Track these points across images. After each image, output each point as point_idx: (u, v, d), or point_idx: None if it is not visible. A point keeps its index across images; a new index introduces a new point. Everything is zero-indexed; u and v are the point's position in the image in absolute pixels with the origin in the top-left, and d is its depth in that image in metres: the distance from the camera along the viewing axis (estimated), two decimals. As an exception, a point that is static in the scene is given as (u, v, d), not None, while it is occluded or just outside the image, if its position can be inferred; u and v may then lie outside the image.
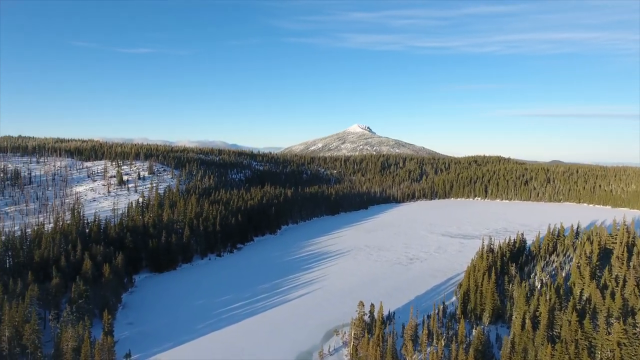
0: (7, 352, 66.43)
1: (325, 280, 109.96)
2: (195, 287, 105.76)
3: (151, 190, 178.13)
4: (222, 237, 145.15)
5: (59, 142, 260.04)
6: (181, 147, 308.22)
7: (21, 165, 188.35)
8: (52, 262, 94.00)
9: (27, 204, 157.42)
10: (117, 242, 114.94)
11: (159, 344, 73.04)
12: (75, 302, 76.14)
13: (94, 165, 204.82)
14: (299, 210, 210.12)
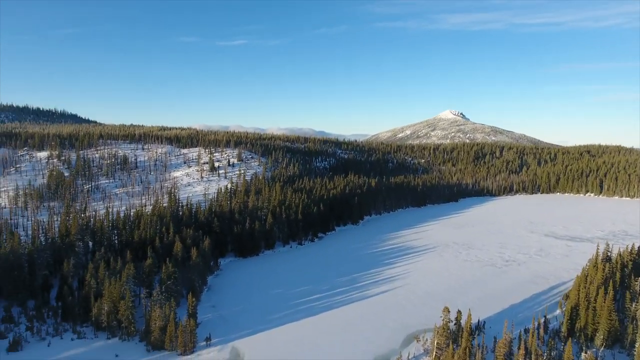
0: (106, 324, 73.56)
1: (408, 278, 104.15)
2: (275, 275, 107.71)
3: (239, 177, 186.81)
4: (304, 226, 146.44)
5: (162, 130, 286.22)
6: (269, 135, 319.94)
7: (129, 151, 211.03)
8: (148, 243, 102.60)
9: (132, 186, 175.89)
10: (206, 226, 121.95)
11: (236, 330, 74.99)
12: (165, 282, 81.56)
13: (189, 152, 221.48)
14: (382, 201, 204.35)
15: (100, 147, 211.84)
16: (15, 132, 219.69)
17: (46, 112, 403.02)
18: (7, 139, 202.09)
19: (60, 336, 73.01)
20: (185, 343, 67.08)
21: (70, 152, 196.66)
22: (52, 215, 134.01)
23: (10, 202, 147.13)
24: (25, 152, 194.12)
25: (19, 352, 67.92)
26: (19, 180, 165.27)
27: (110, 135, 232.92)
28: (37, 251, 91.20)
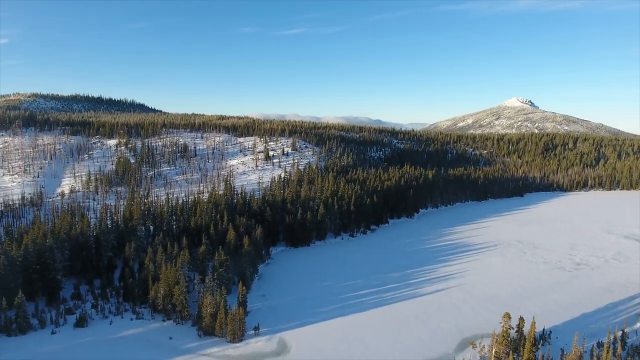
0: (162, 307, 76.81)
1: (465, 277, 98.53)
2: (325, 267, 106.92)
3: (293, 166, 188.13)
4: (356, 217, 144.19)
5: (221, 119, 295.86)
6: (324, 124, 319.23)
7: (189, 139, 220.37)
8: (204, 230, 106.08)
9: (191, 173, 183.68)
10: (258, 215, 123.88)
11: (285, 321, 75.05)
12: (217, 270, 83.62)
13: (245, 140, 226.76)
14: (439, 194, 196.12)
15: (163, 136, 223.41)
16: (89, 121, 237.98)
17: (117, 102, 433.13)
18: (82, 127, 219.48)
19: (121, 315, 77.60)
20: (234, 331, 68.18)
21: (136, 140, 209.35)
22: (118, 200, 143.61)
23: (83, 187, 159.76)
24: (97, 139, 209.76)
25: (84, 328, 73.04)
26: (91, 166, 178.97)
27: (173, 124, 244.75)
28: (103, 234, 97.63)
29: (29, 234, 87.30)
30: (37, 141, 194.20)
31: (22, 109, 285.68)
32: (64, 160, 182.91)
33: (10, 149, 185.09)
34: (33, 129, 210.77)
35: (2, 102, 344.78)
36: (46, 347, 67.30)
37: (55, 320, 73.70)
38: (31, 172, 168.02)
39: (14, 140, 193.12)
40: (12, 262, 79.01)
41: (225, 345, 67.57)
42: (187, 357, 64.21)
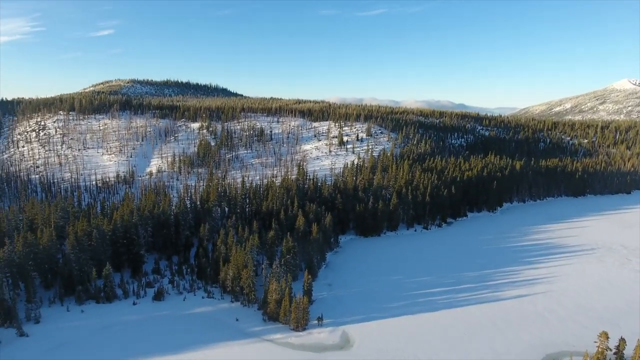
0: (231, 288, 79.56)
1: (553, 284, 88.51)
2: (395, 259, 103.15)
3: (367, 152, 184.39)
4: (432, 209, 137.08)
5: (297, 103, 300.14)
6: (401, 109, 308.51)
7: (266, 124, 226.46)
8: (274, 214, 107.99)
9: (267, 157, 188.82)
10: (329, 202, 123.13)
11: (349, 314, 73.56)
12: (284, 256, 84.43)
13: (320, 125, 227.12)
14: (528, 187, 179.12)
15: (241, 120, 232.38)
16: (176, 105, 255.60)
17: (203, 87, 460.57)
18: (170, 111, 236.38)
19: (194, 293, 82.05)
20: (298, 319, 68.29)
21: (217, 124, 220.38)
22: (198, 181, 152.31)
23: (169, 167, 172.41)
24: (183, 123, 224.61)
25: (161, 302, 78.46)
26: (176, 147, 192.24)
27: (251, 109, 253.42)
28: (182, 213, 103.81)
29: (118, 211, 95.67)
30: (132, 123, 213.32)
31: (121, 94, 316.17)
32: (153, 142, 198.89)
33: (109, 130, 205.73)
34: (128, 112, 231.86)
35: (105, 88, 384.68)
36: (128, 316, 73.41)
37: (136, 292, 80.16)
38: (125, 152, 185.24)
39: (112, 123, 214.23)
40: (103, 235, 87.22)
41: (288, 332, 68.01)
42: (251, 340, 65.73)
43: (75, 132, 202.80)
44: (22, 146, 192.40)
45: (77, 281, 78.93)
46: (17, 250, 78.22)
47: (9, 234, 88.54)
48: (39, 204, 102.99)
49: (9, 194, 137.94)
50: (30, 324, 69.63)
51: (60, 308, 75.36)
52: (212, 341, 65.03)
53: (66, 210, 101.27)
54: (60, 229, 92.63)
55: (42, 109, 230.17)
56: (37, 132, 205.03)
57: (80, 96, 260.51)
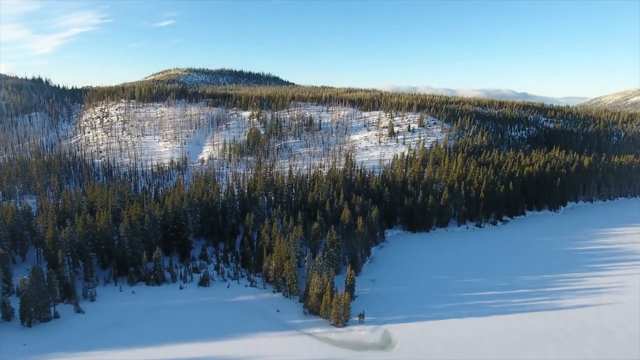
0: (273, 279, 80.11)
1: (623, 295, 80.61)
2: (444, 257, 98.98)
3: (418, 144, 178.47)
4: (486, 206, 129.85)
5: (348, 92, 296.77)
6: (457, 98, 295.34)
7: (315, 113, 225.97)
8: (320, 206, 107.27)
9: (315, 147, 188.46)
10: (376, 195, 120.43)
11: (392, 312, 71.45)
12: (328, 249, 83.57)
13: (370, 115, 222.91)
14: (596, 185, 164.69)
15: (291, 109, 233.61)
16: (229, 93, 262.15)
17: (255, 75, 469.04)
18: (222, 100, 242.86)
19: (238, 280, 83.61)
20: (338, 315, 67.28)
21: (267, 113, 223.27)
22: (247, 169, 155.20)
23: (219, 154, 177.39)
24: (234, 111, 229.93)
25: (206, 288, 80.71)
26: (227, 135, 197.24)
27: (301, 97, 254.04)
28: (229, 201, 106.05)
29: (170, 197, 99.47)
30: (186, 111, 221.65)
31: (178, 83, 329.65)
32: (205, 130, 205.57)
33: (165, 118, 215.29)
34: (184, 100, 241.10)
35: (164, 76, 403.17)
36: (175, 299, 76.26)
37: (184, 277, 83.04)
38: (180, 139, 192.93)
39: (169, 111, 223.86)
40: (155, 220, 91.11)
41: (329, 327, 67.25)
42: (290, 333, 65.76)
43: (134, 119, 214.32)
44: (88, 132, 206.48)
45: (130, 263, 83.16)
46: (77, 231, 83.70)
47: (71, 215, 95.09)
48: (99, 188, 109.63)
49: (75, 177, 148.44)
50: (87, 301, 74.31)
51: (113, 288, 79.82)
52: (254, 330, 65.85)
53: (123, 195, 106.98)
54: (117, 212, 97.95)
55: (106, 97, 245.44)
56: (101, 119, 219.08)
57: (140, 85, 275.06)
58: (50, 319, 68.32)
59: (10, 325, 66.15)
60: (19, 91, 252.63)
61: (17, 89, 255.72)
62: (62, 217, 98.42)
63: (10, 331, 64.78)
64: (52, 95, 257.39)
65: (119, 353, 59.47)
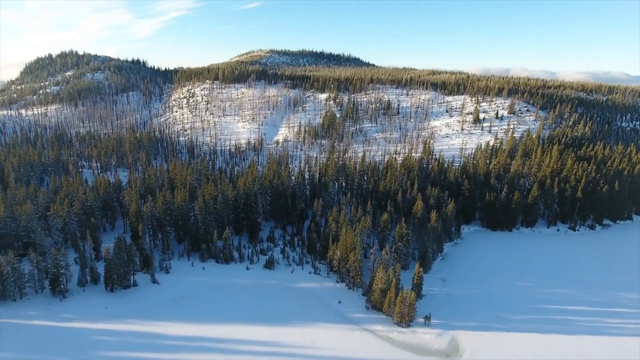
0: (337, 268, 78.97)
1: None
2: (528, 262, 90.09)
3: (506, 133, 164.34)
4: (583, 207, 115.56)
5: (431, 74, 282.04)
6: (556, 82, 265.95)
7: (394, 96, 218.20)
8: (391, 196, 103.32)
9: (391, 132, 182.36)
10: (454, 187, 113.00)
11: (463, 317, 66.56)
12: (396, 243, 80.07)
13: (454, 99, 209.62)
14: None
15: (369, 91, 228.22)
16: (307, 75, 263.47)
17: (335, 57, 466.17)
18: (300, 81, 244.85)
19: (302, 266, 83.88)
20: (402, 314, 64.23)
21: (344, 95, 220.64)
22: (320, 152, 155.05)
23: (294, 137, 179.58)
24: (311, 93, 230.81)
25: (271, 271, 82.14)
26: (303, 118, 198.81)
27: (379, 80, 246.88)
28: (299, 186, 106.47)
29: (242, 179, 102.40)
30: (265, 93, 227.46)
31: (259, 64, 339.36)
32: (282, 111, 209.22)
33: (245, 99, 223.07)
34: (263, 82, 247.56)
35: (248, 58, 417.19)
36: (241, 279, 78.73)
37: (251, 258, 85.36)
38: (257, 120, 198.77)
39: (248, 92, 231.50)
40: (227, 201, 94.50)
41: (391, 326, 64.62)
42: (350, 327, 64.31)
43: (217, 100, 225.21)
44: (175, 111, 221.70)
45: (202, 240, 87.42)
46: (157, 206, 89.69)
47: (154, 190, 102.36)
48: (180, 166, 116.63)
49: (161, 153, 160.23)
50: (162, 273, 79.67)
51: (186, 262, 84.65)
52: (313, 320, 65.54)
53: (200, 173, 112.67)
54: (194, 190, 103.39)
55: (193, 78, 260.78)
56: (188, 99, 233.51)
57: (224, 66, 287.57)
58: (130, 286, 74.36)
59: (96, 289, 73.22)
60: (119, 72, 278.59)
61: (118, 70, 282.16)
62: (147, 191, 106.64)
63: (96, 294, 71.69)
64: (147, 76, 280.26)
65: (184, 326, 62.76)
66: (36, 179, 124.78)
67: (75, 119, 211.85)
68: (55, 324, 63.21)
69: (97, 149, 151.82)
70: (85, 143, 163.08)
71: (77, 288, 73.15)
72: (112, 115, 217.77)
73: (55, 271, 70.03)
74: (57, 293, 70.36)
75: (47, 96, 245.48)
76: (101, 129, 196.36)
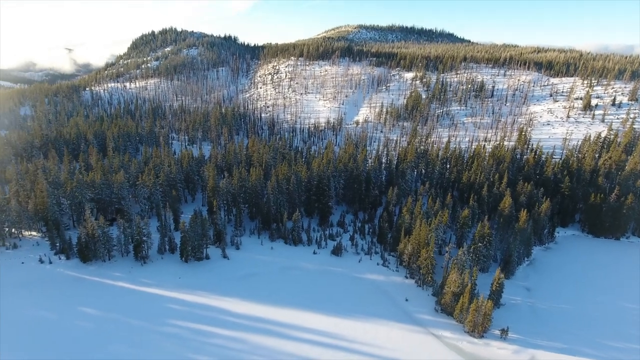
0: (407, 263, 74.89)
1: None
2: (635, 278, 77.32)
3: (624, 123, 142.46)
4: None
5: (535, 52, 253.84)
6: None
7: (488, 76, 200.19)
8: (475, 189, 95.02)
9: (482, 117, 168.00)
10: (551, 184, 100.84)
11: (547, 336, 59.17)
12: (476, 243, 73.31)
13: (560, 82, 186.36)
14: None
15: (460, 71, 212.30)
16: (393, 52, 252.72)
17: (427, 32, 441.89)
18: (386, 59, 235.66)
19: (370, 256, 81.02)
20: (475, 323, 58.77)
21: (432, 75, 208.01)
22: (401, 135, 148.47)
23: (375, 118, 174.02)
24: (397, 72, 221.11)
25: (338, 257, 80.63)
26: (386, 98, 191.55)
27: (473, 58, 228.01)
28: (375, 171, 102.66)
29: (316, 160, 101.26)
30: (348, 71, 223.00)
31: (346, 40, 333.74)
32: (365, 91, 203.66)
33: (327, 77, 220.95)
34: (347, 59, 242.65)
35: (335, 34, 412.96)
36: (308, 264, 78.32)
37: (319, 242, 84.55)
38: (338, 99, 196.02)
39: (332, 69, 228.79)
40: (300, 182, 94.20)
41: (461, 334, 59.62)
42: (416, 328, 60.59)
43: (300, 77, 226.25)
44: (260, 87, 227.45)
45: (273, 219, 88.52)
46: (233, 182, 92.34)
47: (231, 167, 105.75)
48: (258, 143, 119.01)
49: (243, 129, 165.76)
50: (232, 248, 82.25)
51: (256, 240, 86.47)
52: (376, 315, 62.89)
53: (277, 152, 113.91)
54: (269, 168, 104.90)
55: (279, 54, 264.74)
56: (272, 75, 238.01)
57: (310, 42, 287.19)
58: (202, 259, 77.88)
59: (172, 258, 77.87)
60: (211, 48, 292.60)
61: (210, 47, 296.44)
62: (226, 166, 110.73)
63: (172, 263, 76.25)
64: (236, 52, 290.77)
65: (247, 305, 64.05)
66: (132, 148, 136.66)
67: (170, 93, 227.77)
68: (135, 287, 68.41)
69: (185, 123, 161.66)
70: (176, 116, 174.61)
71: (156, 255, 78.49)
72: (202, 89, 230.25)
73: (139, 238, 75.55)
74: (139, 258, 76.07)
75: (148, 70, 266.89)
76: (192, 103, 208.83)
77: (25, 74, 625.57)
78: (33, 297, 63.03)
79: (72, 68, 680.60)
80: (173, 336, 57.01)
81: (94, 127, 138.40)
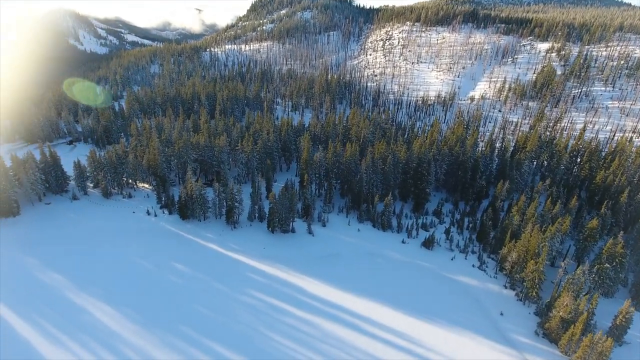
0: (508, 271, 65.86)
1: None
2: None
3: None
4: None
5: None
6: None
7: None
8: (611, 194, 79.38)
9: (634, 102, 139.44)
10: None
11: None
12: (602, 262, 60.85)
13: None
14: None
15: (612, 43, 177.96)
16: (528, 18, 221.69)
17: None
18: (517, 26, 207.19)
19: (466, 256, 73.13)
20: (586, 360, 49.24)
21: (573, 47, 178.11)
22: (523, 117, 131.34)
23: (494, 94, 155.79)
24: (528, 42, 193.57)
25: (429, 252, 74.46)
26: (511, 72, 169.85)
27: (633, 28, 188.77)
28: (485, 158, 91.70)
29: (419, 140, 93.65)
30: (470, 39, 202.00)
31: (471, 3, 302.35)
32: (486, 62, 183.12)
33: (444, 45, 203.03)
34: (470, 25, 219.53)
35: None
36: (394, 252, 73.73)
37: (409, 231, 78.83)
38: (454, 70, 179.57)
39: (450, 37, 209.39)
40: (397, 163, 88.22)
41: (565, 366, 50.73)
42: (507, 350, 53.24)
43: (414, 45, 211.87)
44: (370, 54, 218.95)
45: (363, 200, 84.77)
46: (327, 157, 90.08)
47: (327, 140, 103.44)
48: (358, 116, 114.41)
49: (347, 99, 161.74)
50: (319, 225, 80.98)
51: (344, 219, 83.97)
52: (462, 325, 56.67)
53: (377, 126, 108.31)
54: (366, 144, 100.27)
55: (393, 19, 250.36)
56: (384, 42, 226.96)
57: (430, 5, 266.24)
58: (288, 231, 78.13)
59: (260, 227, 79.47)
60: (325, 11, 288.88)
61: (324, 9, 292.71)
62: (324, 137, 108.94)
63: (259, 232, 77.87)
64: (350, 15, 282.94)
65: (324, 287, 63.07)
66: (238, 111, 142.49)
67: (281, 57, 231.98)
68: (223, 250, 71.53)
69: (290, 88, 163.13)
70: (283, 81, 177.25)
71: (246, 221, 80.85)
72: (311, 54, 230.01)
73: (231, 203, 78.18)
74: (230, 223, 79.07)
75: (262, 33, 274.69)
76: (300, 68, 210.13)
77: (162, 33, 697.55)
78: (139, 248, 69.62)
79: (201, 28, 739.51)
80: (249, 306, 58.15)
81: (207, 89, 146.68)
